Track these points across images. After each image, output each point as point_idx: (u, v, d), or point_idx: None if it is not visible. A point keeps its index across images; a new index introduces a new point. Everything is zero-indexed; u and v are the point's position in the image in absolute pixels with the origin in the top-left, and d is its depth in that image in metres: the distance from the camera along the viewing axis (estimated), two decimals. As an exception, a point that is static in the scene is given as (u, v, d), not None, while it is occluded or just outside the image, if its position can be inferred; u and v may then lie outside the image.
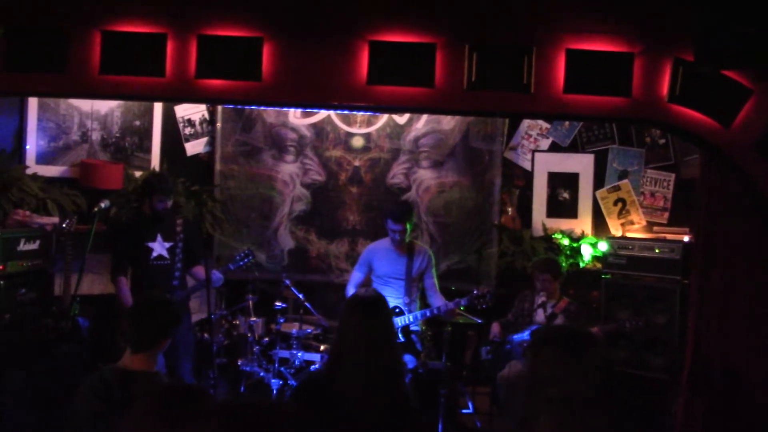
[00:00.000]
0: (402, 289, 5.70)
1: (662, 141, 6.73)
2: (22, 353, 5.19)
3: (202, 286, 5.42)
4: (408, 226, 5.64)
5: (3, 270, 5.12)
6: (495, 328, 5.91)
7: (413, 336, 5.68)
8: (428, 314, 5.60)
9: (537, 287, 5.82)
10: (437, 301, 5.70)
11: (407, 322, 5.57)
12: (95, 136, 6.59)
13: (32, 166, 6.26)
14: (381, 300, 3.28)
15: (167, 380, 3.14)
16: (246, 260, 5.61)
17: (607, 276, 6.16)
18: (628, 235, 6.62)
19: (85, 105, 6.52)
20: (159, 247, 5.39)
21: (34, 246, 5.42)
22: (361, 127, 7.05)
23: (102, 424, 2.87)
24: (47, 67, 4.36)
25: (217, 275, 5.36)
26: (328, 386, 3.05)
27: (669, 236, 6.28)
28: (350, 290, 5.85)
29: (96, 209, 5.35)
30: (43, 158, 6.39)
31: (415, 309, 5.69)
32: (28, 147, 6.34)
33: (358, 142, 7.07)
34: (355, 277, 5.93)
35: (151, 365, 3.12)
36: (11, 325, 5.17)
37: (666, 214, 6.71)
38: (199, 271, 5.55)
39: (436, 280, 5.83)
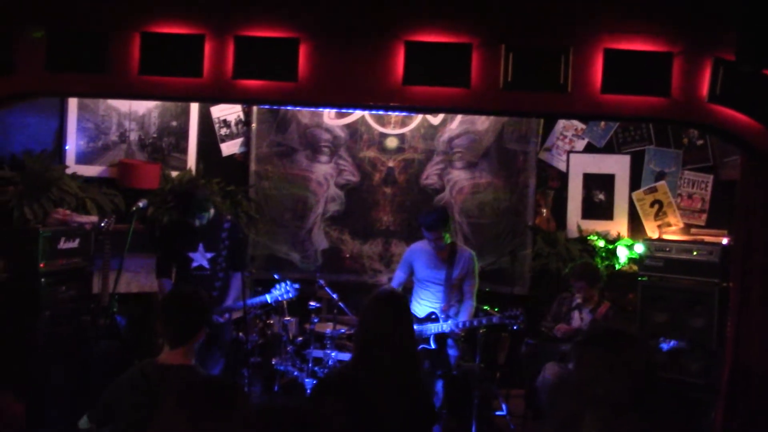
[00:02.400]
0: (441, 294, 5.59)
1: (700, 142, 6.64)
2: (62, 349, 5.28)
3: (236, 309, 5.34)
4: (444, 233, 5.51)
5: (44, 268, 5.20)
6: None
7: (449, 340, 5.58)
8: (461, 326, 5.43)
9: (574, 292, 5.77)
10: (465, 309, 5.58)
11: (441, 330, 5.43)
12: (133, 136, 6.68)
13: (72, 166, 6.36)
14: (400, 298, 3.35)
15: (205, 374, 3.16)
16: (287, 296, 5.39)
17: (644, 278, 6.08)
18: (665, 237, 6.54)
19: (123, 106, 6.61)
20: (200, 257, 5.32)
21: (73, 244, 5.51)
22: (395, 128, 7.05)
23: (142, 416, 2.91)
24: (88, 68, 4.44)
25: (227, 315, 5.27)
26: (352, 382, 3.08)
27: (707, 238, 6.18)
28: None
29: (134, 209, 5.41)
30: (82, 158, 6.49)
31: (453, 314, 5.57)
32: (67, 147, 6.44)
33: (392, 143, 7.07)
34: (398, 276, 5.86)
35: (189, 359, 3.16)
36: (52, 321, 5.26)
37: (704, 216, 6.62)
38: (235, 278, 5.39)
39: (475, 287, 5.65)
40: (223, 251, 5.34)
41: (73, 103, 6.43)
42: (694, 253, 5.86)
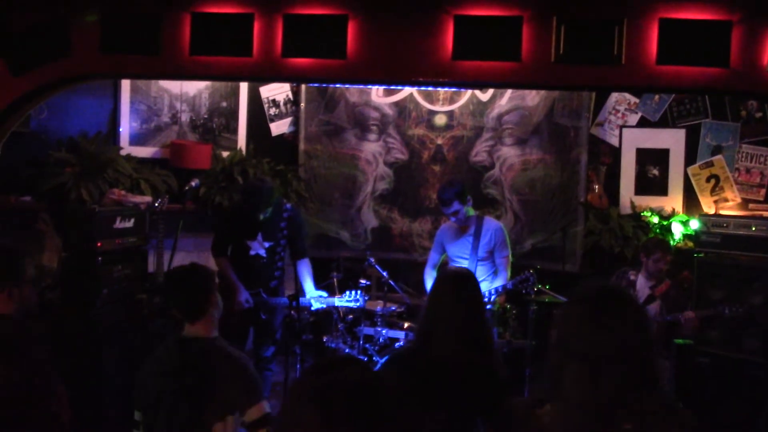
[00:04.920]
0: (470, 268, 5.52)
1: (759, 114, 6.44)
2: (118, 327, 5.39)
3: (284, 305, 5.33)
4: (460, 205, 5.36)
5: (100, 247, 5.30)
6: None
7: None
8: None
9: (649, 269, 5.54)
10: (498, 282, 5.48)
11: None
12: (184, 117, 6.76)
13: (126, 148, 6.48)
14: (471, 275, 3.34)
15: (224, 344, 3.17)
16: (355, 304, 5.36)
17: (700, 255, 5.95)
18: (722, 212, 6.38)
19: (174, 87, 6.69)
20: (257, 246, 5.31)
21: (129, 224, 5.59)
22: (444, 105, 7.00)
23: (164, 390, 3.01)
24: (140, 49, 4.51)
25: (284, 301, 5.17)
26: (419, 359, 3.09)
27: (766, 214, 6.03)
28: (428, 271, 5.75)
29: (186, 188, 5.48)
30: (135, 140, 6.60)
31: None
32: (121, 129, 6.56)
33: (440, 120, 7.02)
34: (432, 257, 5.83)
35: (210, 331, 3.17)
36: (108, 300, 5.37)
37: (762, 191, 6.44)
38: (302, 265, 5.41)
39: (508, 259, 5.55)
40: (281, 240, 5.34)
41: (125, 85, 6.53)
42: (753, 228, 5.73)
